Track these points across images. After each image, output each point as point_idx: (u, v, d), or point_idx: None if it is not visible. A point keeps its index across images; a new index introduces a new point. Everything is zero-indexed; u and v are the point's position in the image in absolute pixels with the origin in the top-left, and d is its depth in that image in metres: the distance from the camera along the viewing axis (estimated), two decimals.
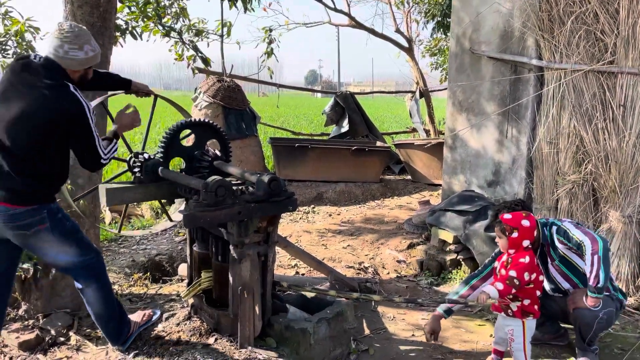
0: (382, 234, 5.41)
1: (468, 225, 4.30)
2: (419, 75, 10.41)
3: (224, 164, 2.98)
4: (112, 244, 5.36)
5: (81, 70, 2.51)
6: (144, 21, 5.96)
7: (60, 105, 2.37)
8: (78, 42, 2.42)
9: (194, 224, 2.39)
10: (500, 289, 2.63)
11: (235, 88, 6.98)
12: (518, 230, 2.72)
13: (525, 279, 2.64)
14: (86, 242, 2.74)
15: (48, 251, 2.63)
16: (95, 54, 2.52)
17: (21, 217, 2.44)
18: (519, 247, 2.73)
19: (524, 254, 2.70)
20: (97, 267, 2.76)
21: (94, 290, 2.76)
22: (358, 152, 7.47)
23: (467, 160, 5.00)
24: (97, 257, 2.77)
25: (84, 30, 2.50)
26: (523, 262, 2.68)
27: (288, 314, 3.02)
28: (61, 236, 2.59)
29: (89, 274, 2.73)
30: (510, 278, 2.65)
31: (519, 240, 2.73)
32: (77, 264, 2.68)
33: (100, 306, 2.80)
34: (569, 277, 2.97)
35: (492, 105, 4.74)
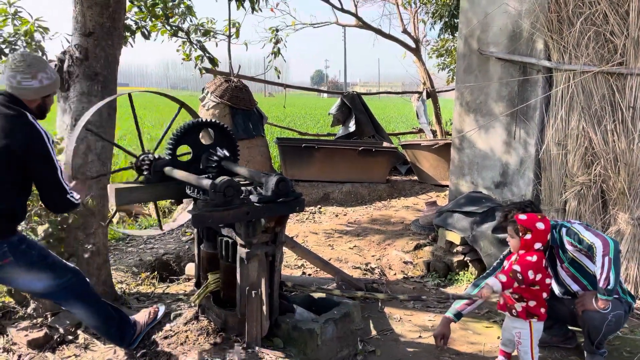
0: (388, 235, 5.40)
1: (475, 227, 4.28)
2: (426, 76, 10.39)
3: (232, 164, 2.98)
4: (120, 242, 5.39)
5: (38, 99, 2.45)
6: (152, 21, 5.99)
7: (15, 135, 2.30)
8: (31, 72, 2.37)
9: (202, 224, 2.40)
10: (502, 280, 2.61)
11: (243, 88, 6.99)
12: (532, 232, 2.70)
13: (529, 277, 2.63)
14: (60, 265, 2.64)
15: (20, 282, 2.57)
16: (52, 82, 2.45)
17: None
18: (530, 249, 2.72)
19: (532, 254, 2.69)
20: (76, 286, 2.66)
21: (80, 309, 2.71)
22: (365, 152, 7.46)
23: (475, 161, 4.99)
24: (76, 276, 2.67)
25: (37, 59, 2.44)
26: (529, 260, 2.67)
27: (295, 314, 3.02)
28: (29, 266, 2.50)
29: (68, 295, 2.66)
30: (514, 272, 2.63)
31: (531, 242, 2.72)
32: (54, 288, 2.60)
33: (92, 320, 2.76)
34: (578, 280, 2.96)
35: (500, 106, 4.72)
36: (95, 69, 3.48)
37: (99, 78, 3.50)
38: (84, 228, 3.54)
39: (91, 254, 3.54)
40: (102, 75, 3.52)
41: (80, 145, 3.41)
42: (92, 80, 3.48)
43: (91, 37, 3.45)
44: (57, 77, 2.51)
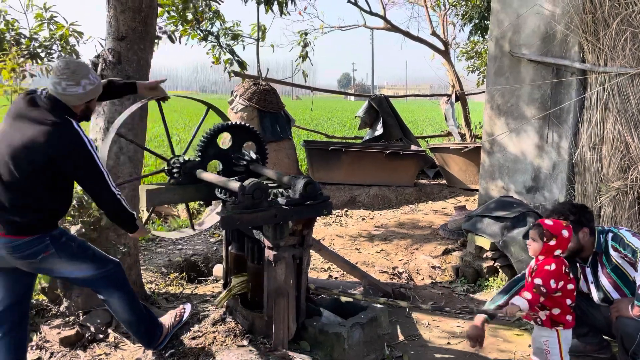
0: (416, 239, 5.34)
1: (506, 232, 4.20)
2: (455, 79, 10.28)
3: (260, 167, 3.00)
4: (150, 243, 5.48)
5: (82, 104, 2.52)
6: (182, 25, 6.08)
7: (60, 143, 2.37)
8: (75, 78, 2.43)
9: (231, 226, 2.41)
10: (528, 298, 2.55)
11: (271, 91, 7.03)
12: (557, 238, 2.64)
13: (551, 286, 2.57)
14: (100, 256, 2.74)
15: (62, 272, 2.67)
16: (94, 87, 2.51)
17: (25, 248, 2.47)
18: (550, 255, 2.65)
19: (550, 261, 2.63)
20: (116, 276, 2.75)
21: (117, 300, 2.78)
22: (392, 155, 7.42)
23: (505, 165, 4.89)
24: (116, 267, 2.76)
25: (80, 66, 2.50)
26: (548, 269, 2.61)
27: (322, 317, 3.01)
28: (70, 257, 2.61)
29: (108, 284, 2.74)
30: (537, 286, 2.57)
31: (553, 248, 2.65)
32: (95, 277, 2.69)
33: (126, 313, 2.82)
34: (619, 287, 2.86)
35: (532, 109, 4.63)
36: (127, 73, 3.55)
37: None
38: (115, 229, 3.60)
39: (122, 254, 3.60)
40: (134, 79, 3.57)
41: (112, 147, 3.48)
42: None
43: (124, 41, 3.52)
44: (99, 82, 2.57)
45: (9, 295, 2.62)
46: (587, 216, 2.88)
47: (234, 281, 2.97)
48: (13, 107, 2.51)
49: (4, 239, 2.44)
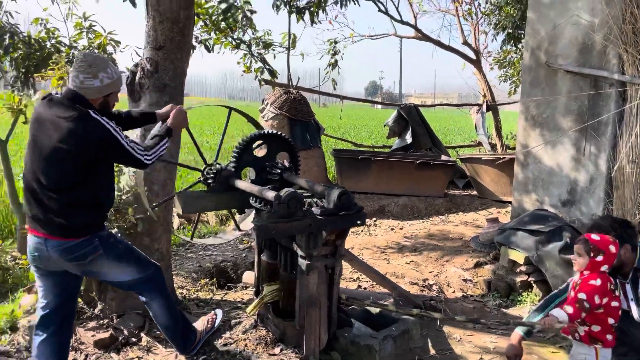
0: (447, 251, 5.27)
1: (541, 246, 4.11)
2: (487, 88, 10.15)
3: (293, 176, 3.01)
4: (180, 248, 5.54)
5: (100, 97, 2.55)
6: (216, 34, 6.18)
7: (85, 134, 2.41)
8: (92, 71, 2.47)
9: (266, 235, 2.43)
10: (570, 312, 2.49)
11: (301, 100, 7.07)
12: (604, 254, 2.57)
13: (595, 302, 2.50)
14: (143, 259, 2.82)
15: (108, 275, 2.73)
16: (112, 81, 2.54)
17: (75, 249, 2.53)
18: (596, 271, 2.59)
19: (596, 277, 2.56)
20: (158, 279, 2.84)
21: (157, 303, 2.85)
22: (422, 165, 7.36)
23: (540, 177, 4.80)
24: (157, 270, 2.85)
25: (99, 59, 2.54)
26: (593, 285, 2.54)
27: (353, 328, 2.99)
28: (117, 260, 2.68)
29: (151, 287, 2.82)
30: (580, 300, 2.51)
31: (600, 264, 2.58)
32: (139, 280, 2.77)
33: (165, 317, 2.88)
34: None
35: (569, 121, 4.53)
36: (164, 81, 3.61)
37: (168, 89, 3.63)
38: (149, 234, 3.66)
39: (156, 259, 3.65)
40: (171, 87, 3.65)
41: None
42: (161, 91, 3.61)
43: (161, 50, 3.59)
44: (118, 77, 2.60)
45: (56, 298, 2.69)
46: (630, 232, 2.80)
47: (265, 289, 2.98)
48: (34, 114, 2.56)
49: (54, 242, 2.50)
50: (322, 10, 7.02)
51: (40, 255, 2.55)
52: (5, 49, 4.79)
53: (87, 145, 2.42)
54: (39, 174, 2.47)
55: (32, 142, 2.51)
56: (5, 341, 3.34)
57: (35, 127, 2.51)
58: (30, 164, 2.51)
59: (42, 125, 2.47)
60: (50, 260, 2.55)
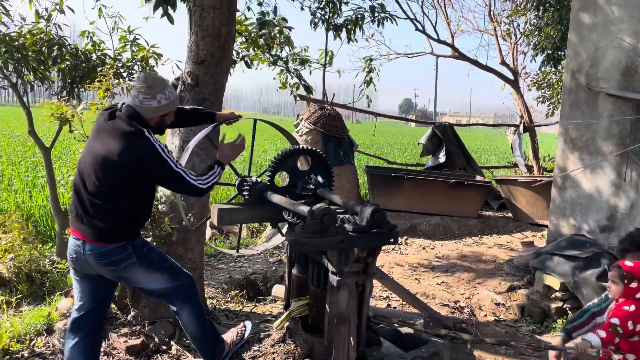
0: (479, 273, 5.18)
1: (578, 272, 3.99)
2: (524, 109, 10.00)
3: (327, 192, 3.02)
4: (212, 259, 5.61)
5: (157, 117, 2.66)
6: (254, 50, 6.30)
7: (134, 150, 2.52)
8: (151, 92, 2.58)
9: (298, 249, 2.44)
10: (602, 336, 2.42)
11: (336, 116, 7.11)
12: (639, 281, 2.49)
13: (629, 328, 2.43)
14: (176, 268, 2.87)
15: (140, 282, 2.78)
16: (169, 102, 2.64)
17: (110, 254, 2.61)
18: (631, 298, 2.51)
19: (630, 303, 2.50)
20: (190, 289, 2.87)
21: (188, 312, 2.88)
22: (456, 185, 7.27)
23: (578, 202, 4.68)
24: (189, 279, 2.88)
25: (158, 81, 2.64)
26: (626, 310, 2.47)
27: (382, 348, 2.96)
28: (149, 267, 2.73)
29: (182, 296, 2.85)
30: (613, 325, 2.44)
31: (635, 291, 2.52)
32: (171, 289, 2.81)
33: (195, 327, 2.90)
34: None
35: (609, 145, 4.43)
36: (204, 95, 3.70)
37: (207, 103, 3.71)
38: (183, 243, 3.73)
39: (189, 269, 3.71)
40: (210, 101, 3.73)
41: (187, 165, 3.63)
42: (201, 104, 3.70)
43: (202, 65, 3.69)
44: (175, 97, 2.71)
45: (90, 301, 2.77)
46: None
47: (293, 305, 2.98)
48: (96, 123, 2.71)
49: (91, 245, 2.60)
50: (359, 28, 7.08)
51: (77, 257, 2.65)
52: (53, 59, 5.00)
53: (134, 160, 2.52)
54: (87, 179, 2.59)
55: (87, 148, 2.65)
56: (41, 343, 3.44)
57: (94, 135, 2.65)
58: (81, 168, 2.63)
59: (100, 134, 2.61)
60: (87, 264, 2.64)
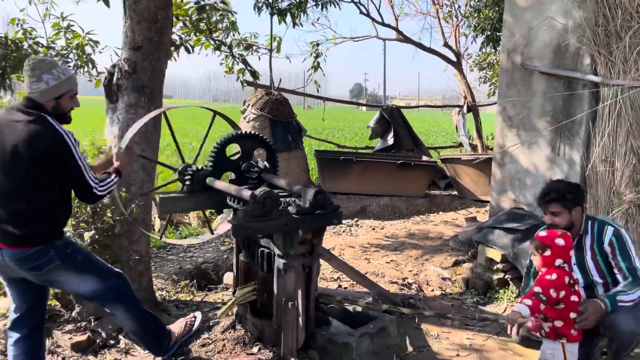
0: (426, 250, 5.33)
1: (517, 244, 4.18)
2: (467, 90, 10.27)
3: (271, 176, 3.03)
4: (161, 250, 5.52)
5: (51, 100, 2.45)
6: (196, 35, 6.17)
7: (37, 136, 2.33)
8: (36, 75, 2.40)
9: (242, 234, 2.44)
10: (529, 304, 2.56)
11: (283, 101, 7.09)
12: (551, 248, 2.65)
13: (552, 295, 2.56)
14: (104, 269, 2.72)
15: (67, 285, 2.65)
16: (59, 82, 2.44)
17: (31, 259, 2.44)
18: (551, 266, 2.65)
19: (552, 272, 2.63)
20: (120, 289, 2.73)
21: (123, 312, 2.77)
22: (403, 166, 7.42)
23: (517, 177, 4.88)
24: (119, 279, 2.74)
25: (43, 62, 2.46)
26: (548, 279, 2.60)
27: (331, 327, 3.02)
28: (75, 270, 2.58)
29: (114, 298, 2.72)
30: (536, 294, 2.57)
31: (551, 259, 2.66)
32: (101, 291, 2.67)
33: (133, 324, 2.82)
34: (603, 274, 2.94)
35: (544, 121, 4.62)
36: (142, 82, 3.61)
37: (146, 90, 3.62)
38: (128, 235, 3.65)
39: (134, 261, 3.64)
40: (149, 88, 3.64)
41: None
42: (140, 92, 3.61)
43: (140, 51, 3.59)
44: (67, 78, 2.49)
45: (25, 302, 2.65)
46: (581, 195, 2.99)
47: (238, 292, 2.98)
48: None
49: (9, 251, 2.43)
50: (303, 12, 7.06)
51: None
52: None
53: (38, 148, 2.34)
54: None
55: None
56: None
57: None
58: None
59: (2, 133, 2.40)
60: (9, 269, 2.49)
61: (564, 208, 2.91)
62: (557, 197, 2.92)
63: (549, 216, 2.97)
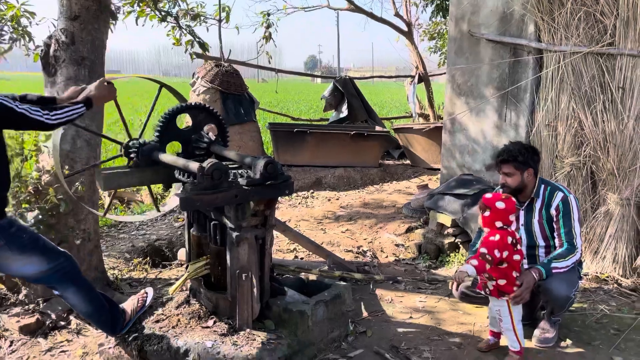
0: (380, 219, 5.42)
1: (466, 209, 4.30)
2: (419, 60, 10.35)
3: (221, 148, 2.97)
4: (112, 229, 5.39)
5: None
6: (139, 6, 5.91)
7: None
8: None
9: (190, 207, 2.39)
10: (475, 264, 2.66)
11: (233, 73, 6.94)
12: (490, 210, 2.74)
13: (496, 255, 2.66)
14: (51, 248, 2.61)
15: (12, 267, 2.53)
16: None
17: None
18: (492, 227, 2.75)
19: (495, 233, 2.72)
20: (68, 269, 2.64)
21: (73, 294, 2.68)
22: (357, 137, 7.46)
23: (466, 144, 4.99)
24: (67, 259, 2.64)
25: None
26: (492, 240, 2.70)
27: (286, 296, 3.04)
28: (20, 250, 2.47)
29: (62, 278, 2.63)
30: (482, 254, 2.67)
31: (490, 220, 2.75)
32: (47, 272, 2.57)
33: (84, 306, 2.73)
34: (547, 237, 3.06)
35: (491, 88, 4.72)
36: (82, 54, 3.45)
37: (86, 62, 3.46)
38: (74, 214, 3.53)
39: (82, 240, 3.53)
40: (89, 60, 3.48)
41: (68, 130, 3.39)
42: (79, 64, 3.45)
43: (77, 20, 3.42)
44: None
45: None
46: (535, 158, 3.06)
47: (190, 267, 2.94)
48: None
49: None
50: None
51: None
52: None
53: None
54: None
55: None
56: None
57: None
58: None
59: None
60: None
61: (515, 169, 2.98)
62: (508, 157, 2.99)
63: (502, 176, 3.05)
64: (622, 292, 3.67)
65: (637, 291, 3.67)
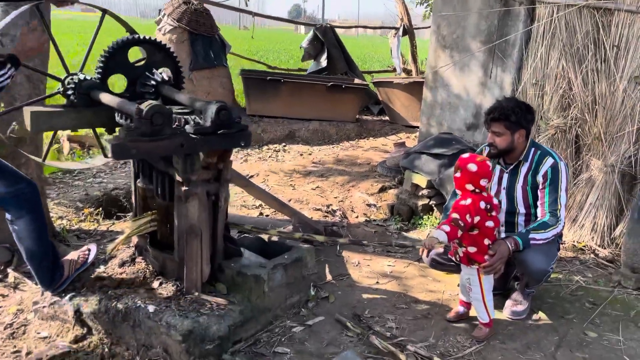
0: (353, 176, 5.15)
1: (443, 170, 4.06)
2: (404, 11, 9.86)
3: (171, 90, 2.62)
4: (67, 176, 5.02)
5: None
6: None
7: None
8: None
9: (124, 156, 2.07)
10: (447, 230, 2.42)
11: (203, 12, 6.42)
12: (461, 171, 2.50)
13: (468, 221, 2.44)
14: (12, 173, 2.51)
15: None
16: None
17: None
18: (463, 189, 2.52)
19: (467, 196, 2.50)
20: (29, 197, 2.50)
21: (26, 223, 2.50)
22: (334, 88, 7.08)
23: (448, 101, 4.70)
24: (29, 187, 2.51)
25: None
26: (464, 204, 2.47)
27: (242, 258, 2.78)
28: None
29: (20, 204, 2.48)
30: (454, 220, 2.45)
31: (461, 182, 2.52)
32: (5, 194, 2.45)
33: (32, 242, 2.53)
34: (529, 205, 2.81)
35: (478, 42, 4.39)
36: None
37: None
38: (13, 158, 3.16)
39: None
40: None
41: None
42: None
43: None
44: None
45: None
46: (529, 117, 2.76)
47: (132, 224, 2.64)
48: None
49: None
50: None
51: None
52: None
53: None
54: None
55: None
56: None
57: None
58: None
59: None
60: None
61: (506, 129, 2.70)
62: (500, 116, 2.70)
63: (490, 135, 2.77)
64: (599, 263, 3.51)
65: (614, 262, 3.51)
